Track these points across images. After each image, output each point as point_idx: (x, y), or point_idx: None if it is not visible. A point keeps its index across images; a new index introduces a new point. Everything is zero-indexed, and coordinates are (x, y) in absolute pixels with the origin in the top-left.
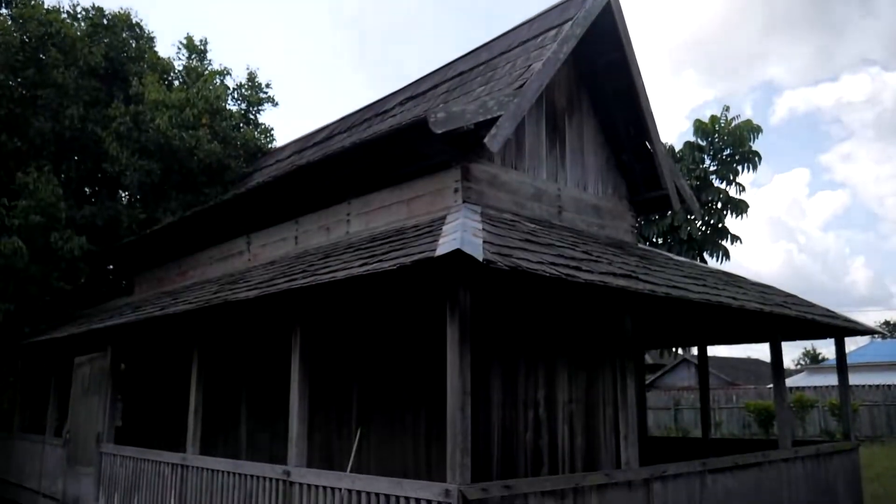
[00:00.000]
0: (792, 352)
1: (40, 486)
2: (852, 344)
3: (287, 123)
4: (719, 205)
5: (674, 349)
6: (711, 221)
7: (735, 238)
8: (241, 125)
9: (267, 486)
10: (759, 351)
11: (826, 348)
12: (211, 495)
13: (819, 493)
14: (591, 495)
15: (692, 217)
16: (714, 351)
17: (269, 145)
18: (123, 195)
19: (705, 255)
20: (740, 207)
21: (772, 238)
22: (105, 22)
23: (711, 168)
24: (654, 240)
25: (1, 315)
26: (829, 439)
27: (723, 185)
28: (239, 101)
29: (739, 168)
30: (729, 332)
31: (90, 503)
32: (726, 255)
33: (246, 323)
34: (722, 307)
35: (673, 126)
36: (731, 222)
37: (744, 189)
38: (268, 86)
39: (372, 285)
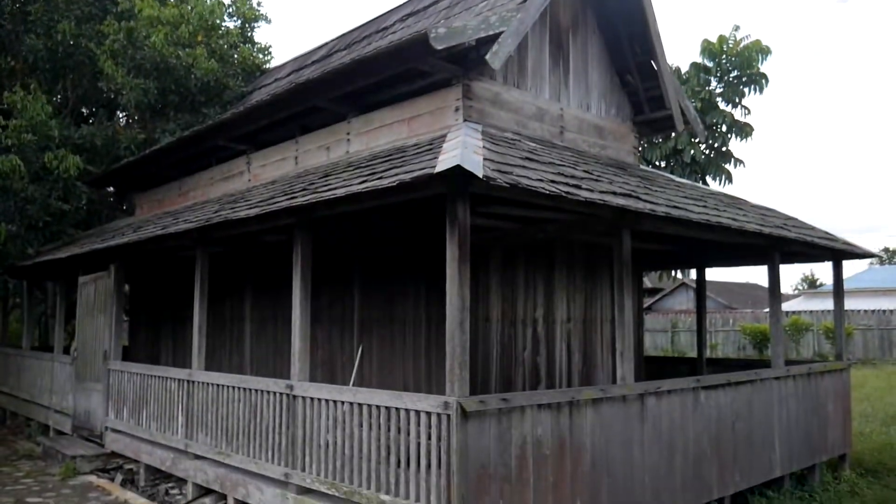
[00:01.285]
0: (790, 277)
1: (51, 402)
2: (850, 269)
3: (285, 42)
4: (724, 128)
5: (673, 273)
6: (715, 145)
7: (738, 161)
8: (238, 43)
9: (271, 400)
10: (758, 276)
11: (824, 274)
12: (217, 409)
13: (809, 411)
14: (586, 409)
15: (696, 140)
16: (713, 276)
17: (267, 64)
18: (121, 115)
19: (708, 179)
20: (745, 131)
21: (776, 161)
22: None
23: (718, 90)
24: (657, 162)
25: (3, 236)
26: (822, 360)
27: (728, 108)
28: (234, 18)
29: (746, 90)
30: (728, 253)
31: (100, 417)
32: (729, 178)
33: (247, 242)
34: (721, 227)
35: (680, 50)
36: (736, 145)
37: (749, 112)
38: (259, 4)
39: (372, 202)
